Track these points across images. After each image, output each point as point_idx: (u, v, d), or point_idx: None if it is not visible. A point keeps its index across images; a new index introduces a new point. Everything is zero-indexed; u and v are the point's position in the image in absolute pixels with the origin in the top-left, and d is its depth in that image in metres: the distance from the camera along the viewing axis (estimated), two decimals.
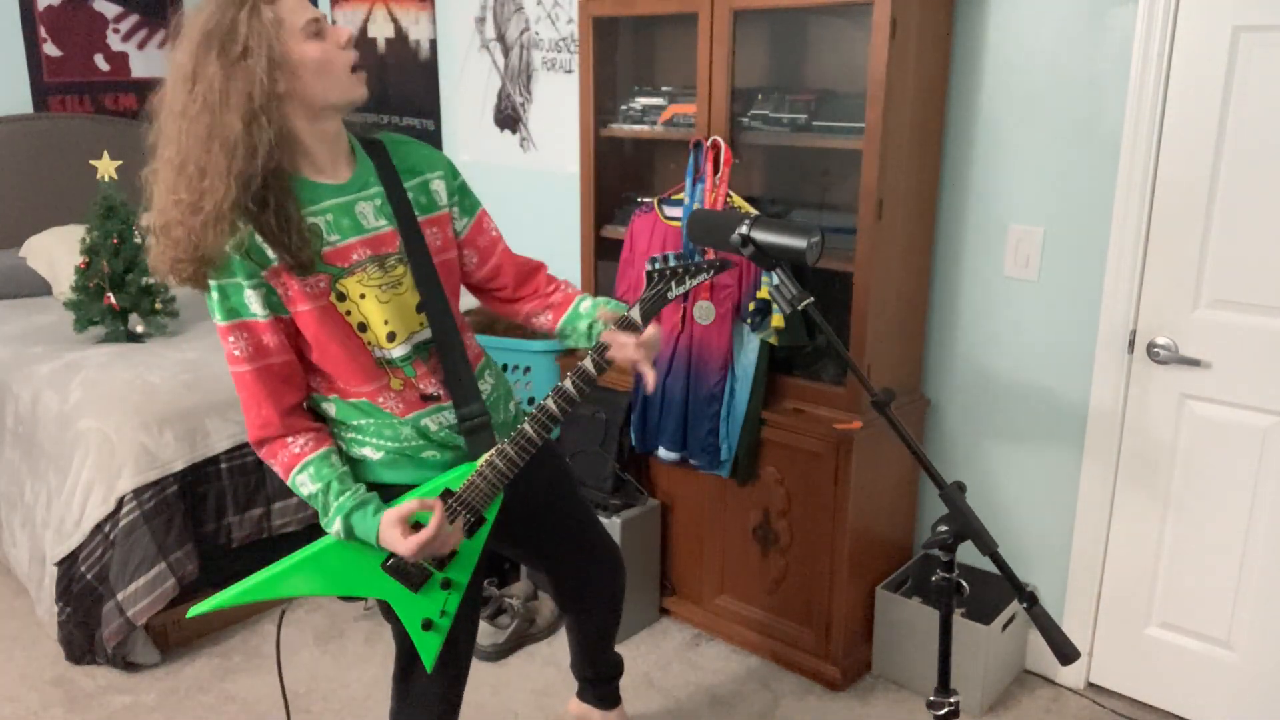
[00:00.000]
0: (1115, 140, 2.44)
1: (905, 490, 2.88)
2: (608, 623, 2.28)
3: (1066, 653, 1.51)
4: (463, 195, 1.81)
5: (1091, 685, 2.76)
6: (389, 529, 1.63)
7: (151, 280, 3.38)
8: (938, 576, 1.65)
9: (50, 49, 4.48)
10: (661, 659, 2.89)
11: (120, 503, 2.77)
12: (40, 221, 4.24)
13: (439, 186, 1.76)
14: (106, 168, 3.47)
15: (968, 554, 1.76)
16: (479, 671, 2.84)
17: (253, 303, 1.59)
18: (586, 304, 1.86)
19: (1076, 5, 2.44)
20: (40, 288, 4.03)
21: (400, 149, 1.75)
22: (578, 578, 2.18)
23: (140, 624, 2.77)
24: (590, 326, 1.83)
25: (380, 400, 1.71)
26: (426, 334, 1.73)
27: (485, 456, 1.72)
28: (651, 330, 1.72)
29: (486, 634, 2.89)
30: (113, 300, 3.31)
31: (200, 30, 1.51)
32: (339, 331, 1.64)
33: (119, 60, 4.70)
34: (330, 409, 1.74)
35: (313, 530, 3.31)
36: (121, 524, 2.76)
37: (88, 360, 3.16)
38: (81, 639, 2.82)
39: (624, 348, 1.70)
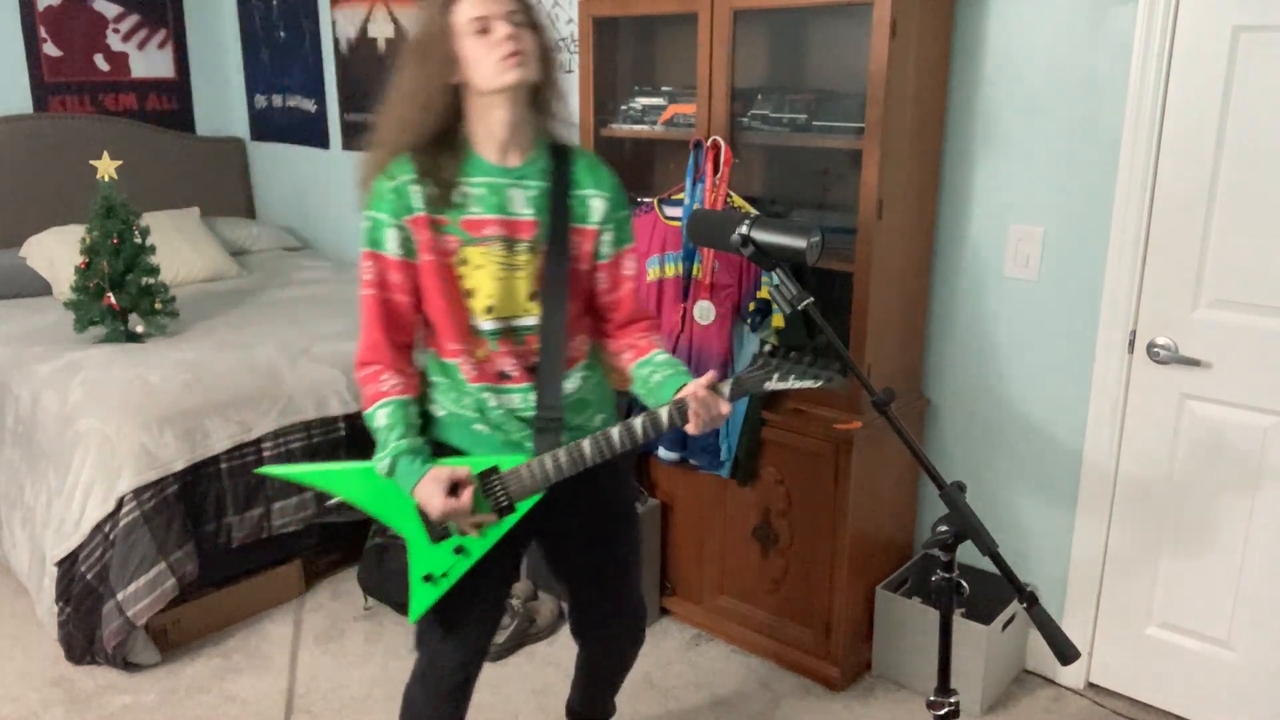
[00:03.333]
0: (1115, 140, 2.44)
1: (905, 490, 2.88)
2: (610, 677, 2.33)
3: (1066, 653, 1.51)
4: (619, 227, 1.92)
5: (1091, 685, 2.76)
6: (429, 483, 1.77)
7: (151, 280, 3.38)
8: (938, 576, 1.65)
9: (50, 49, 4.48)
10: (661, 659, 2.90)
11: (120, 503, 2.77)
12: (40, 221, 4.24)
13: (597, 205, 1.88)
14: (106, 168, 3.47)
15: (968, 554, 1.76)
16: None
17: (390, 240, 1.79)
18: (661, 357, 1.92)
19: (1076, 5, 2.44)
20: (40, 288, 4.03)
21: (582, 163, 1.90)
22: (595, 624, 2.20)
23: (140, 624, 2.77)
24: (650, 375, 1.89)
25: (460, 362, 1.85)
26: (530, 321, 1.84)
27: (539, 456, 1.81)
28: (726, 409, 1.75)
29: None
30: (113, 300, 3.31)
31: (415, 27, 1.81)
32: (449, 289, 1.81)
33: (119, 60, 4.70)
34: (421, 361, 1.91)
35: (313, 530, 3.32)
36: (121, 524, 2.76)
37: (88, 360, 3.16)
38: (81, 639, 2.82)
39: (703, 404, 1.72)
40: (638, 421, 1.75)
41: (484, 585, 1.92)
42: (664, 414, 1.74)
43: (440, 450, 1.85)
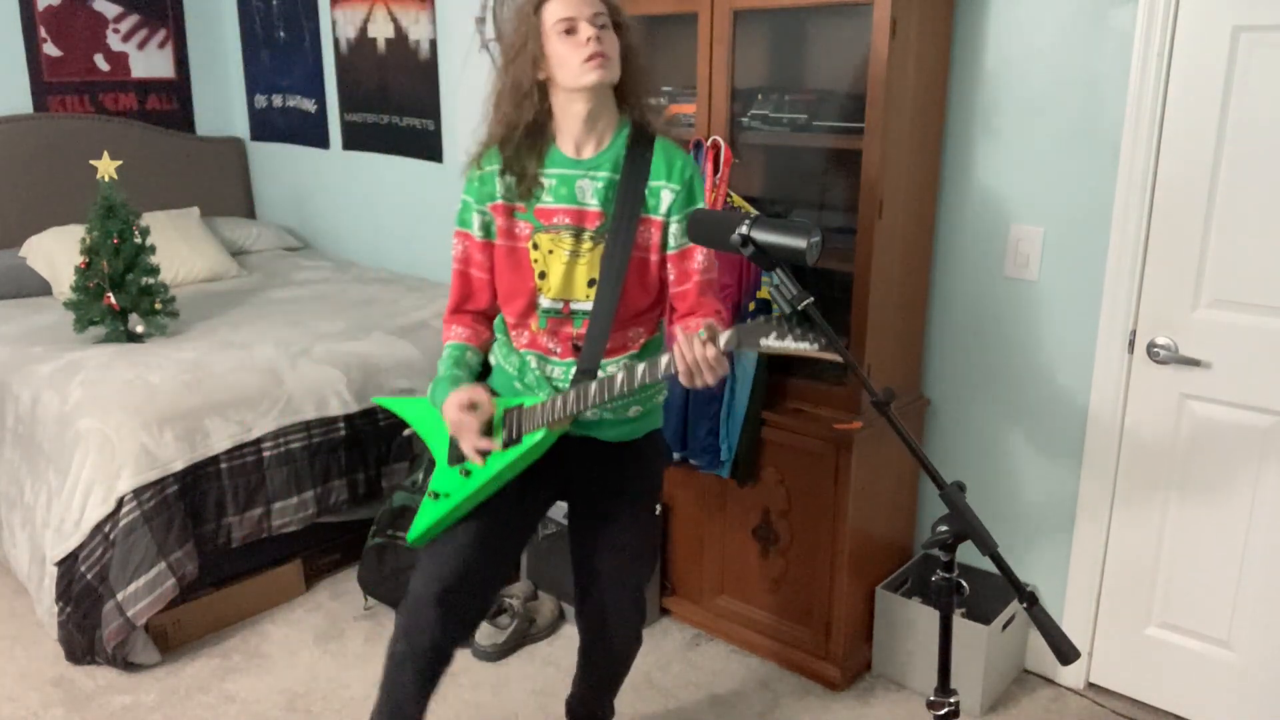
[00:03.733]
0: (1115, 140, 2.44)
1: (905, 490, 2.88)
2: (609, 672, 2.35)
3: (1066, 653, 1.51)
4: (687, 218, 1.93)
5: (1091, 685, 2.76)
6: (453, 398, 1.92)
7: (151, 280, 3.38)
8: (938, 576, 1.65)
9: (50, 49, 4.48)
10: (661, 659, 2.90)
11: (120, 503, 2.77)
12: (40, 221, 4.24)
13: (667, 196, 1.93)
14: (106, 168, 3.47)
15: (968, 554, 1.76)
16: (479, 671, 2.85)
17: (474, 221, 1.98)
18: (706, 322, 1.84)
19: (1076, 5, 2.44)
20: (40, 288, 4.03)
21: (663, 153, 1.94)
22: (595, 607, 2.22)
23: (140, 624, 2.77)
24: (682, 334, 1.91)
25: (515, 329, 2.02)
26: (586, 306, 1.94)
27: (552, 396, 1.90)
28: (716, 355, 1.68)
29: (486, 634, 2.89)
30: (113, 300, 3.31)
31: (507, 26, 1.93)
32: (520, 270, 1.95)
33: (119, 60, 4.71)
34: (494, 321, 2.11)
35: (313, 530, 3.32)
36: (121, 524, 2.76)
37: (88, 360, 3.15)
38: (81, 639, 2.82)
39: (686, 342, 1.68)
40: (639, 366, 1.79)
41: (491, 524, 1.99)
42: (663, 359, 1.75)
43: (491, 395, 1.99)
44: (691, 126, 2.78)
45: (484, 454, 1.92)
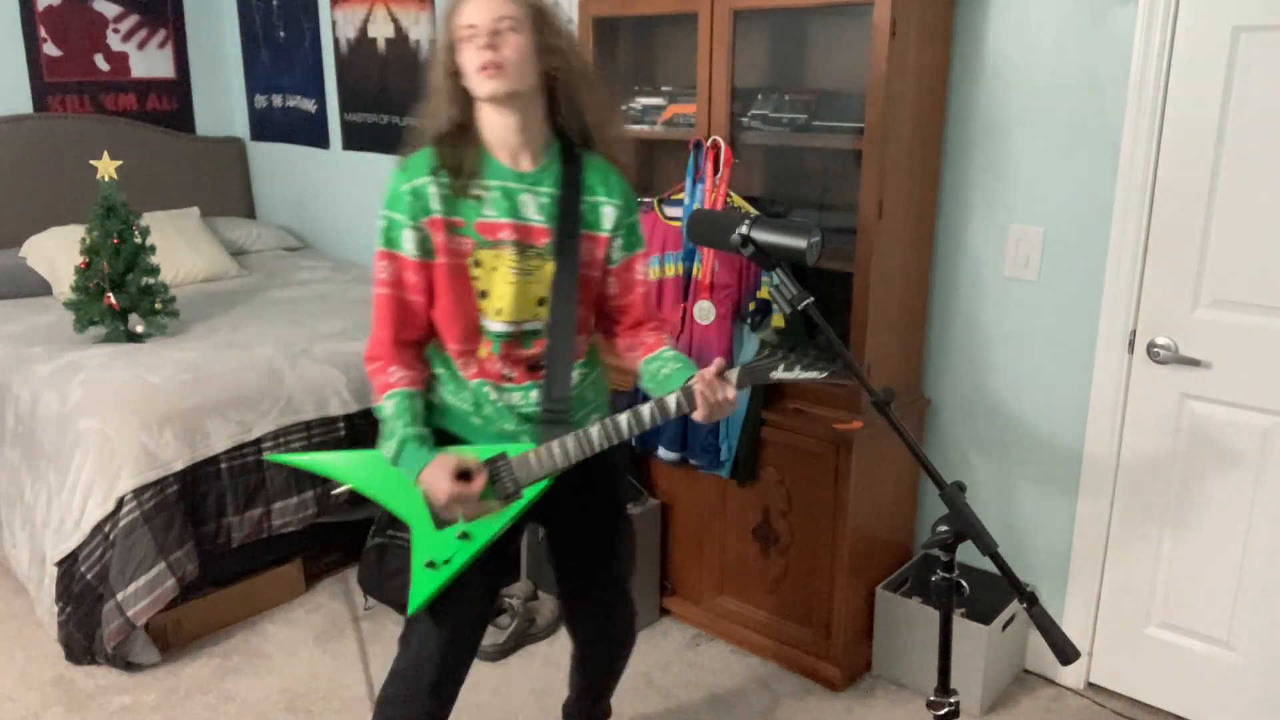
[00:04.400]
0: (1115, 140, 2.44)
1: (905, 490, 2.88)
2: (601, 676, 2.34)
3: (1066, 653, 1.51)
4: (629, 233, 1.95)
5: (1091, 685, 2.76)
6: (436, 468, 1.79)
7: (151, 280, 3.38)
8: (938, 576, 1.65)
9: (50, 49, 4.48)
10: (661, 659, 2.89)
11: (120, 503, 2.77)
12: (40, 221, 4.24)
13: (608, 212, 1.90)
14: (106, 168, 3.47)
15: (968, 554, 1.76)
16: (479, 671, 2.84)
17: (407, 240, 1.82)
18: (669, 353, 1.95)
19: (1076, 5, 2.44)
20: (40, 288, 4.03)
21: (594, 169, 1.90)
22: (584, 616, 2.21)
23: (140, 624, 2.77)
24: (659, 370, 1.92)
25: (460, 360, 1.89)
26: (537, 325, 1.87)
27: (546, 443, 1.83)
28: (735, 396, 1.76)
29: (487, 634, 2.89)
30: (113, 300, 3.31)
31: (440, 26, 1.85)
32: (461, 291, 1.84)
33: (119, 60, 4.70)
34: (427, 352, 1.95)
35: (313, 530, 3.32)
36: (121, 524, 2.76)
37: (88, 360, 3.15)
38: (81, 639, 2.82)
39: (710, 387, 1.74)
40: (645, 408, 1.77)
41: (479, 576, 1.91)
42: (671, 401, 1.76)
43: (442, 438, 1.88)
44: (692, 126, 2.78)
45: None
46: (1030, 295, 2.64)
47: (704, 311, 2.67)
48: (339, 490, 1.95)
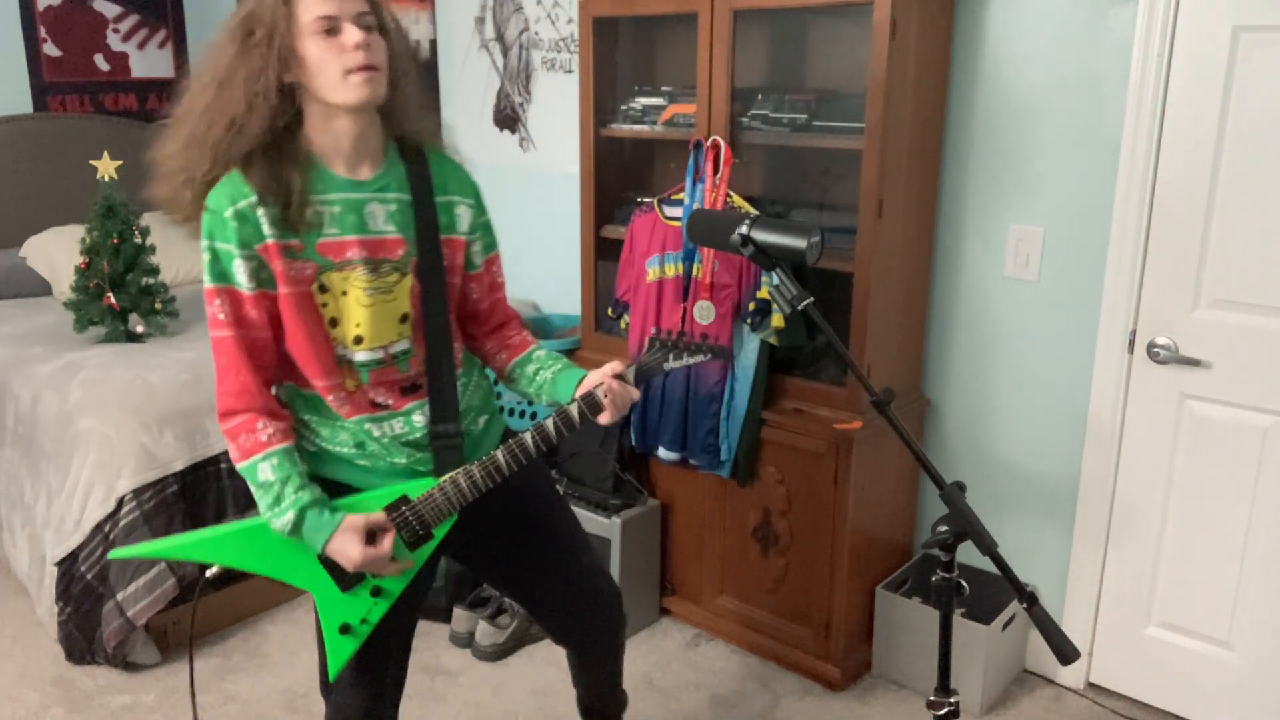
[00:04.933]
0: (1115, 140, 2.44)
1: (905, 490, 2.88)
2: (607, 668, 2.15)
3: (1066, 653, 1.51)
4: (485, 232, 1.83)
5: (1091, 685, 2.76)
6: (345, 533, 1.64)
7: (151, 280, 3.38)
8: (938, 576, 1.65)
9: (50, 49, 4.48)
10: (661, 659, 2.89)
11: (120, 503, 2.77)
12: (40, 221, 4.23)
13: (463, 213, 1.76)
14: (106, 168, 3.47)
15: (968, 554, 1.76)
16: (479, 671, 2.85)
17: (240, 272, 1.59)
18: (541, 353, 1.88)
19: (1076, 5, 2.44)
20: (40, 288, 4.03)
21: (441, 165, 1.76)
22: (568, 623, 2.04)
23: (140, 624, 2.77)
24: (537, 373, 1.84)
25: (330, 398, 1.70)
26: (405, 345, 1.71)
27: (449, 475, 1.70)
28: (636, 394, 1.74)
29: (486, 634, 2.89)
30: (113, 300, 3.31)
31: (238, 12, 1.59)
32: (309, 321, 1.64)
33: (119, 60, 4.70)
34: (283, 395, 1.75)
35: None
36: (121, 524, 2.76)
37: (88, 360, 3.15)
38: (81, 639, 2.82)
39: (617, 394, 1.71)
40: (549, 423, 1.69)
41: (394, 623, 1.78)
42: (574, 410, 1.69)
43: (326, 487, 1.70)
44: (692, 126, 2.78)
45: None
46: (1030, 295, 2.64)
47: (704, 311, 2.67)
48: (212, 571, 1.76)
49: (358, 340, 1.67)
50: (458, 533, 1.77)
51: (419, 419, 1.73)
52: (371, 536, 1.66)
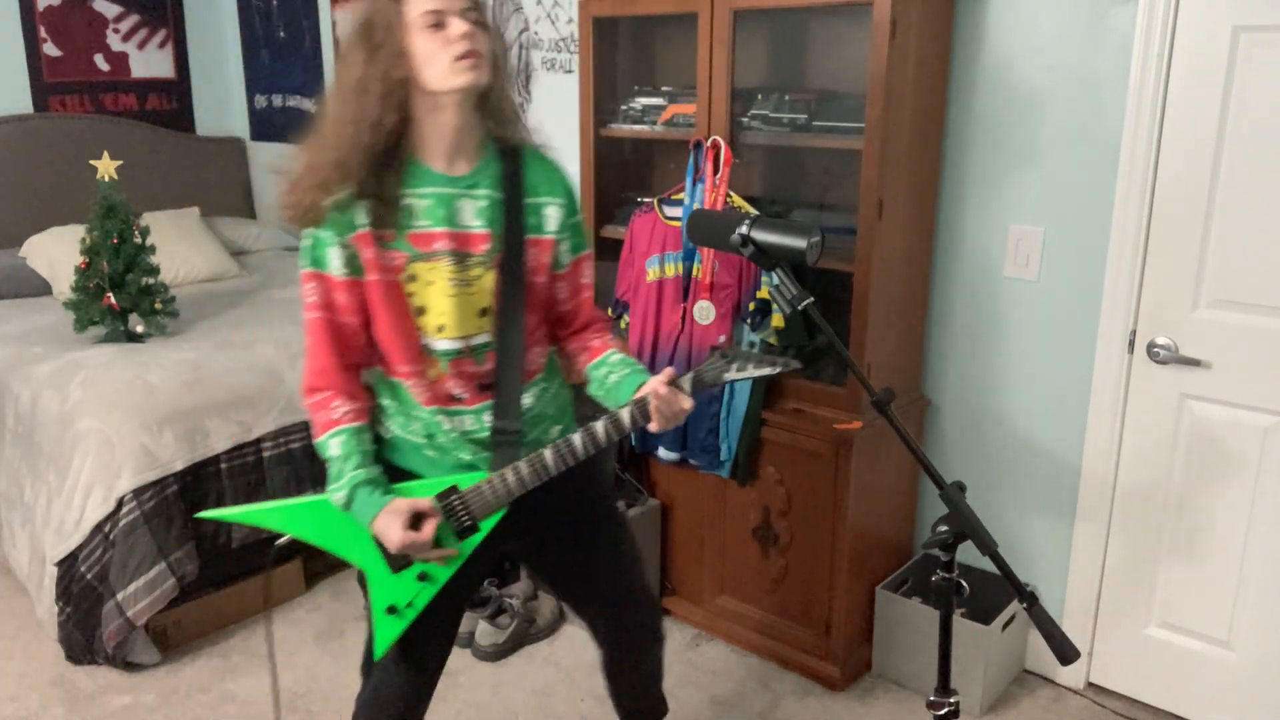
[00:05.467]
0: (1115, 140, 2.44)
1: (905, 490, 2.88)
2: (642, 676, 2.17)
3: (1066, 653, 1.51)
4: (574, 233, 1.85)
5: (1091, 685, 2.76)
6: (389, 514, 1.69)
7: (151, 280, 3.38)
8: (938, 576, 1.65)
9: (50, 49, 4.48)
10: None
11: (120, 503, 2.77)
12: (40, 221, 4.24)
13: (552, 213, 1.80)
14: (106, 168, 3.47)
15: (968, 554, 1.76)
16: (479, 671, 2.85)
17: (334, 259, 1.68)
18: (616, 357, 1.88)
19: (1076, 5, 2.44)
20: (40, 288, 4.03)
21: (534, 165, 1.79)
22: (609, 629, 2.08)
23: (140, 624, 2.77)
24: (606, 376, 1.85)
25: (411, 384, 1.76)
26: (485, 338, 1.76)
27: (499, 471, 1.74)
28: (689, 404, 1.72)
29: (486, 634, 2.89)
30: (113, 300, 3.31)
31: (356, 20, 1.67)
32: (396, 308, 1.71)
33: (119, 60, 4.70)
34: (370, 378, 1.82)
35: None
36: (121, 524, 2.76)
37: (88, 360, 3.15)
38: (81, 639, 2.82)
39: (664, 400, 1.70)
40: (599, 425, 1.71)
41: (440, 610, 1.83)
42: (625, 414, 1.70)
43: (392, 473, 1.78)
44: (692, 126, 2.78)
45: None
46: (1030, 295, 2.64)
47: (704, 311, 2.67)
48: (280, 542, 1.83)
49: (440, 329, 1.73)
50: (514, 534, 1.84)
51: (488, 418, 1.79)
52: (416, 522, 1.70)
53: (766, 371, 1.72)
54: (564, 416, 1.94)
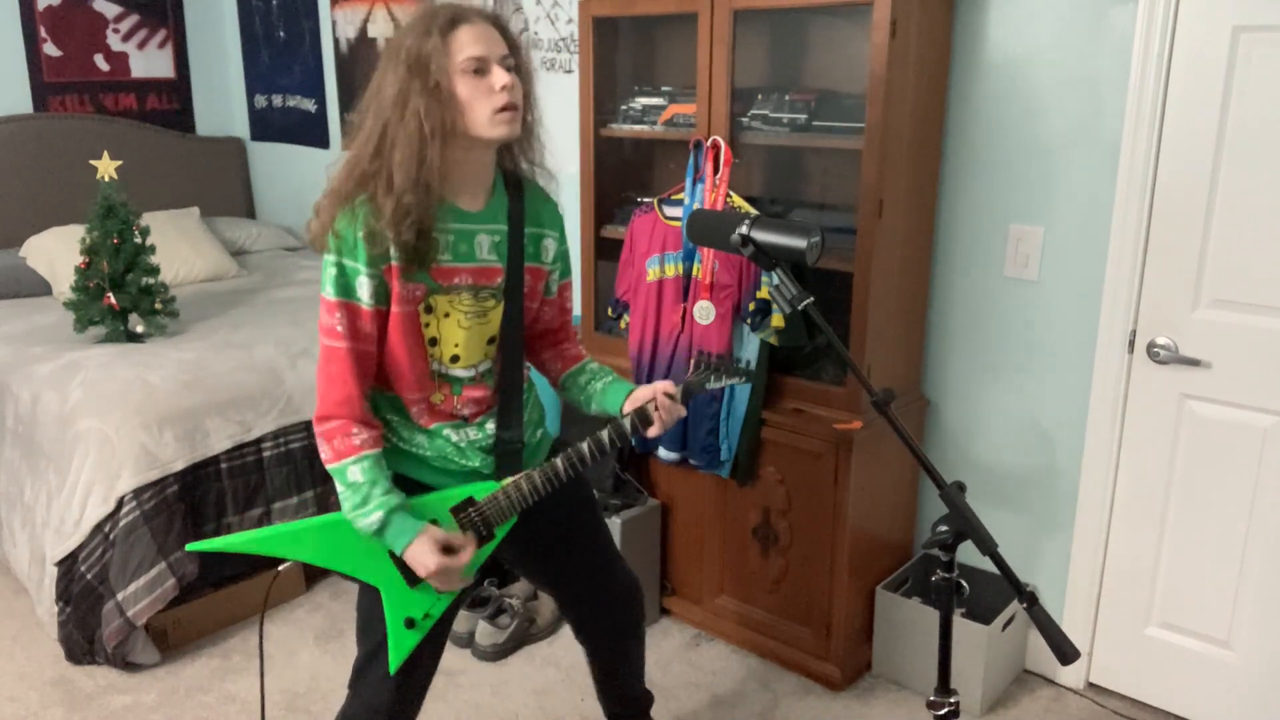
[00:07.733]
0: (1115, 140, 2.44)
1: (905, 490, 2.88)
2: (632, 652, 2.24)
3: (1066, 652, 1.51)
4: (563, 262, 1.96)
5: (1091, 685, 2.76)
6: (425, 541, 1.73)
7: (151, 280, 3.38)
8: (938, 576, 1.65)
9: (50, 49, 4.48)
10: (661, 659, 2.89)
11: (120, 503, 2.77)
12: (40, 221, 4.24)
13: (549, 245, 1.89)
14: (106, 168, 3.47)
15: (968, 554, 1.76)
16: (479, 671, 2.85)
17: (364, 289, 1.69)
18: (593, 365, 2.02)
19: (1076, 5, 2.44)
20: (40, 288, 4.03)
21: (536, 199, 1.87)
22: (594, 609, 2.15)
23: (140, 624, 2.77)
24: (589, 384, 1.98)
25: (414, 409, 1.82)
26: (489, 364, 1.85)
27: (512, 479, 1.82)
28: (684, 412, 1.87)
29: (486, 634, 2.89)
30: (113, 300, 3.31)
31: (405, 55, 1.65)
32: (411, 338, 1.75)
33: (119, 60, 4.71)
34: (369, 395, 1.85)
35: None
36: (121, 524, 2.76)
37: (88, 360, 3.15)
38: (81, 639, 2.82)
39: (669, 411, 1.83)
40: (604, 434, 1.82)
41: (440, 620, 1.87)
42: (627, 423, 1.82)
43: (400, 483, 1.81)
44: (692, 126, 2.78)
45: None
46: (1030, 295, 2.64)
47: (704, 311, 2.67)
48: (284, 565, 1.86)
49: (454, 360, 1.80)
50: (522, 537, 1.90)
51: (490, 426, 1.87)
52: (449, 550, 1.75)
53: (736, 381, 1.90)
54: (542, 421, 2.04)
